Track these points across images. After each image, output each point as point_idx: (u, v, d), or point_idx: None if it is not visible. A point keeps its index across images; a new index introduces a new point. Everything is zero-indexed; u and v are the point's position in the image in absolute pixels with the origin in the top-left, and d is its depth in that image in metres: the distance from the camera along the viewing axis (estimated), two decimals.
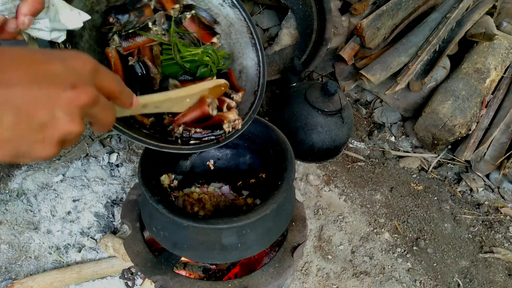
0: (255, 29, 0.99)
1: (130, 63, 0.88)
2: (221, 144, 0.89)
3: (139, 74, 0.88)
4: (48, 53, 0.41)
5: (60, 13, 0.64)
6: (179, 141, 0.86)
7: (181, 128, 0.85)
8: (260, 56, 1.00)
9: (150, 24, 0.91)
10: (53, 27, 0.64)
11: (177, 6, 0.93)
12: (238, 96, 0.96)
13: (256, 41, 0.99)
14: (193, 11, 0.94)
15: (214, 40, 0.99)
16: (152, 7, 0.91)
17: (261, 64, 1.00)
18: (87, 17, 0.69)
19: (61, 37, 0.67)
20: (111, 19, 0.86)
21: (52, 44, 0.68)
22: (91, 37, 0.84)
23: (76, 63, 0.42)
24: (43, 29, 0.63)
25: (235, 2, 0.96)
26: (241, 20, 0.98)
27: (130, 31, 0.89)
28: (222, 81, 0.78)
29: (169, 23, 0.93)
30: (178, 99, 0.68)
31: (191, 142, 0.87)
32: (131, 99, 0.53)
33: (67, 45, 0.74)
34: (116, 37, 0.86)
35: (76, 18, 0.67)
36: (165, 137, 0.87)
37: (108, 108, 0.46)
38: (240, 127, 0.91)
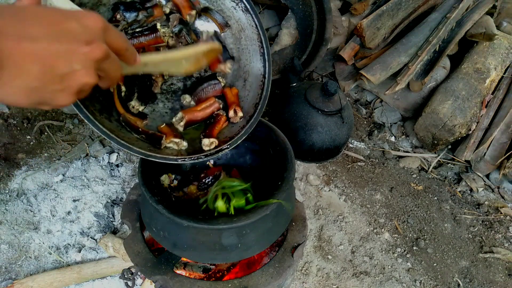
0: (266, 38, 0.96)
1: None
2: (206, 159, 0.89)
3: (140, 73, 0.88)
4: (64, 12, 0.46)
5: (53, 3, 0.65)
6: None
7: (168, 141, 0.86)
8: (267, 67, 0.97)
9: (158, 25, 0.90)
10: None
11: (193, 12, 0.93)
12: (235, 118, 0.95)
13: (265, 51, 0.96)
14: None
15: (222, 67, 0.96)
16: (167, 10, 0.91)
17: (266, 76, 0.97)
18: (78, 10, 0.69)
19: None
20: (118, 16, 0.85)
21: None
22: None
23: (89, 21, 0.46)
24: None
25: (248, 7, 0.93)
26: (253, 26, 0.96)
27: (137, 30, 0.89)
28: (216, 44, 0.79)
29: (181, 27, 0.92)
30: (175, 61, 0.72)
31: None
32: (135, 56, 0.58)
33: None
34: None
35: (70, 7, 0.68)
36: (155, 145, 0.87)
37: (117, 62, 0.52)
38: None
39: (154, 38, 0.90)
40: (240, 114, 0.95)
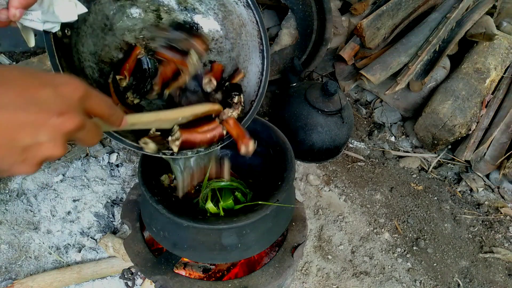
0: (265, 35, 0.95)
1: (138, 56, 0.87)
2: (203, 153, 0.89)
3: (144, 68, 0.88)
4: (40, 77, 0.42)
5: (55, 4, 0.63)
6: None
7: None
8: (265, 64, 0.97)
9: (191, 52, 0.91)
10: (46, 19, 0.63)
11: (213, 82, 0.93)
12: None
13: (264, 48, 0.96)
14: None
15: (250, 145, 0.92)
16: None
17: (264, 73, 0.97)
18: (83, 9, 0.68)
19: (54, 27, 0.66)
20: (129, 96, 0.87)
21: (46, 33, 0.67)
22: (95, 21, 0.83)
23: (66, 89, 0.43)
24: (35, 20, 0.62)
25: (250, 3, 0.93)
26: (253, 22, 0.95)
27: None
28: (216, 106, 0.75)
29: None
30: (169, 121, 0.67)
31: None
32: (120, 120, 0.54)
33: (66, 31, 0.72)
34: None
35: (72, 11, 0.66)
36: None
37: (93, 131, 0.48)
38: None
39: (179, 60, 0.91)
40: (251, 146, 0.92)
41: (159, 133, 0.83)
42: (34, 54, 1.99)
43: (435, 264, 1.59)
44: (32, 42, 0.66)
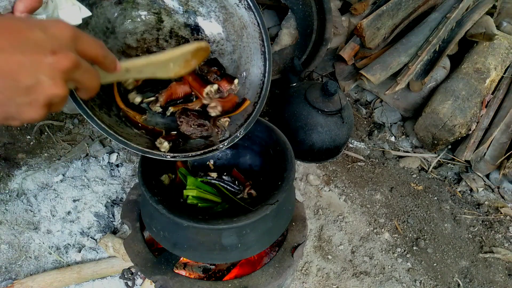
0: (267, 37, 0.95)
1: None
2: (203, 157, 0.89)
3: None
4: (28, 22, 0.44)
5: (59, 8, 0.63)
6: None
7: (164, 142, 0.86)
8: (267, 66, 0.97)
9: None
10: None
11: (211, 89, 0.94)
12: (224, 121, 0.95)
13: (266, 50, 0.96)
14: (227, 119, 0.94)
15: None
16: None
17: (266, 75, 0.97)
18: (87, 13, 0.68)
19: None
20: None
21: None
22: (97, 24, 0.83)
23: (55, 30, 0.44)
24: None
25: (251, 5, 0.93)
26: (255, 24, 0.95)
27: None
28: (203, 43, 0.75)
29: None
30: (161, 64, 0.68)
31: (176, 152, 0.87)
32: (114, 64, 0.55)
33: None
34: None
35: (76, 14, 0.66)
36: (155, 139, 0.87)
37: (91, 71, 0.49)
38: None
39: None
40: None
41: (175, 132, 0.88)
42: None
43: (435, 264, 1.59)
44: None
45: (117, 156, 1.69)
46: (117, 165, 1.66)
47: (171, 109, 0.91)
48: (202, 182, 0.98)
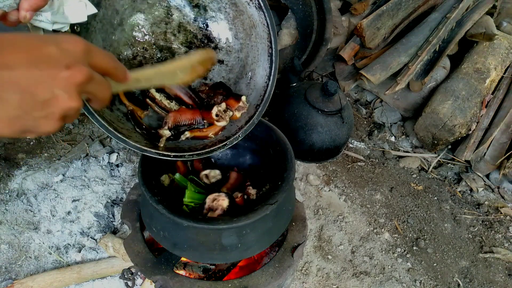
0: (275, 39, 0.94)
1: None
2: (202, 157, 0.89)
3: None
4: (42, 38, 0.45)
5: (65, 5, 0.64)
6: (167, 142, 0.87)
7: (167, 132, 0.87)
8: (273, 69, 0.96)
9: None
10: (55, 20, 0.64)
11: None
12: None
13: (273, 52, 0.95)
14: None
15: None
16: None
17: (271, 78, 0.96)
18: (93, 10, 0.69)
19: (64, 27, 0.68)
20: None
21: (55, 32, 0.69)
22: (105, 16, 0.83)
23: (68, 45, 0.46)
24: (44, 21, 0.63)
25: (262, 5, 0.92)
26: (264, 25, 0.94)
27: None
28: (210, 52, 0.77)
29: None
30: (169, 73, 0.69)
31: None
32: (125, 74, 0.57)
33: (75, 28, 0.74)
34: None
35: (82, 11, 0.67)
36: (154, 141, 0.87)
37: (103, 83, 0.51)
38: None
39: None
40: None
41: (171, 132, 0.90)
42: None
43: (435, 264, 1.59)
44: None
45: (117, 156, 1.69)
46: (117, 165, 1.66)
47: (188, 133, 0.93)
48: (200, 193, 0.98)
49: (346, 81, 2.18)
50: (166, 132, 0.90)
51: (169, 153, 0.84)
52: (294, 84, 1.75)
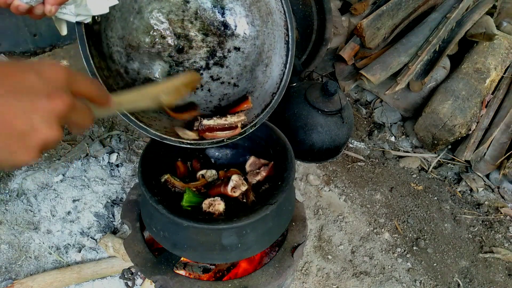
0: (292, 26, 0.93)
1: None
2: (223, 144, 0.90)
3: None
4: (22, 65, 0.43)
5: None
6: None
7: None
8: (289, 57, 0.95)
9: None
10: (78, 12, 0.66)
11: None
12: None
13: (290, 39, 0.94)
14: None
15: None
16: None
17: (287, 65, 0.96)
18: (114, 2, 0.70)
19: (86, 19, 0.70)
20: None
21: (78, 23, 0.70)
22: (124, 5, 0.84)
23: (50, 73, 0.44)
24: (68, 14, 0.65)
25: None
26: (281, 12, 0.93)
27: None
28: (195, 75, 0.78)
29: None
30: (152, 95, 0.69)
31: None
32: (107, 98, 0.55)
33: (96, 18, 0.75)
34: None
35: (104, 3, 0.68)
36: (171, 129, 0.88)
37: (85, 111, 0.49)
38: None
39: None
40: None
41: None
42: (34, 54, 1.99)
43: (435, 264, 1.59)
44: (64, 31, 0.69)
45: (117, 156, 1.69)
46: (117, 165, 1.66)
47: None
48: (198, 197, 0.98)
49: (346, 81, 2.18)
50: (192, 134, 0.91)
51: (189, 141, 0.85)
52: (294, 84, 1.74)
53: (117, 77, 0.84)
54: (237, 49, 1.01)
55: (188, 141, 0.86)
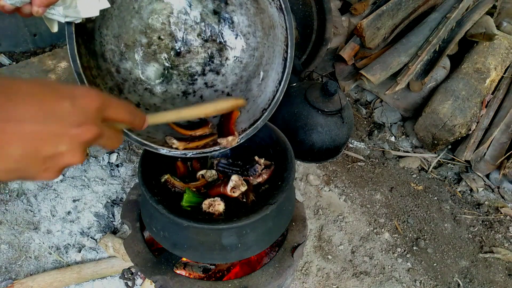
0: (292, 44, 0.92)
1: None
2: (210, 154, 0.89)
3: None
4: (58, 90, 0.44)
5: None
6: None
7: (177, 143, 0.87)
8: (285, 74, 0.94)
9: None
10: (67, 14, 0.64)
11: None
12: (225, 141, 0.91)
13: (288, 57, 0.93)
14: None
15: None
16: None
17: (282, 83, 0.94)
18: (106, 5, 0.68)
19: (76, 20, 0.68)
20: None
21: (68, 23, 0.69)
22: (123, 3, 0.83)
23: (84, 101, 0.45)
24: (56, 15, 0.64)
25: (283, 7, 0.89)
26: (283, 27, 0.92)
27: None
28: (240, 101, 0.75)
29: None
30: (190, 117, 0.68)
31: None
32: (142, 122, 0.57)
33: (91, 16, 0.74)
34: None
35: (94, 6, 0.66)
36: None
37: (113, 137, 0.51)
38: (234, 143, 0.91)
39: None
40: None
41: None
42: (34, 54, 1.99)
43: (435, 264, 1.59)
44: (55, 28, 0.68)
45: (117, 156, 1.69)
46: (117, 165, 1.66)
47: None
48: (197, 197, 0.98)
49: (346, 81, 2.18)
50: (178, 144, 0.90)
51: (172, 149, 0.85)
52: (294, 84, 1.74)
53: (107, 76, 0.83)
54: (235, 58, 1.00)
55: (171, 150, 0.85)
